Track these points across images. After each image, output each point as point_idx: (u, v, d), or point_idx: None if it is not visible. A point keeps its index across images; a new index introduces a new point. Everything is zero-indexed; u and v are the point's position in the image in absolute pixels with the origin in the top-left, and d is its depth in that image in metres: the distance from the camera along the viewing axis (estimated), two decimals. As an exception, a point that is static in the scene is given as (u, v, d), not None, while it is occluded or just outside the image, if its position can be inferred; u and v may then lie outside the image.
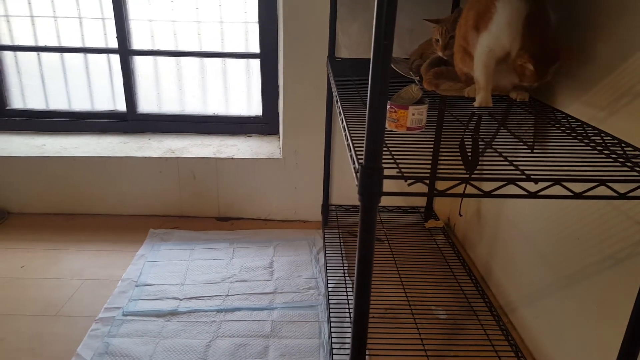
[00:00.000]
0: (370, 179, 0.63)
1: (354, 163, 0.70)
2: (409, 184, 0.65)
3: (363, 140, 0.63)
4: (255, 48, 2.07)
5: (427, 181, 0.67)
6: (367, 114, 0.61)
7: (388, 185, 0.63)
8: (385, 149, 0.74)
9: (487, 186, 0.69)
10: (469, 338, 1.33)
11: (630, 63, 0.91)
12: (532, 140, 1.15)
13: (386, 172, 0.65)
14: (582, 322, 1.07)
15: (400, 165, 0.70)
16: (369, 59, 0.59)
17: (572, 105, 1.10)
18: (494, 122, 1.03)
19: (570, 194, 0.65)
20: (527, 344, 1.31)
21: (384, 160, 0.65)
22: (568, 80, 1.12)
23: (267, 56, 2.06)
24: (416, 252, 1.75)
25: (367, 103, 0.61)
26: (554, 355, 1.18)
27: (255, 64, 2.10)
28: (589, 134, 0.90)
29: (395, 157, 0.73)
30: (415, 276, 1.59)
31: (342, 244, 1.79)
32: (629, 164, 0.73)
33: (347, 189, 2.00)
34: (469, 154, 0.95)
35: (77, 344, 1.30)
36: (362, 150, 0.65)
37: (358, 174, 0.65)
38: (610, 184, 0.65)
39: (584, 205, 1.06)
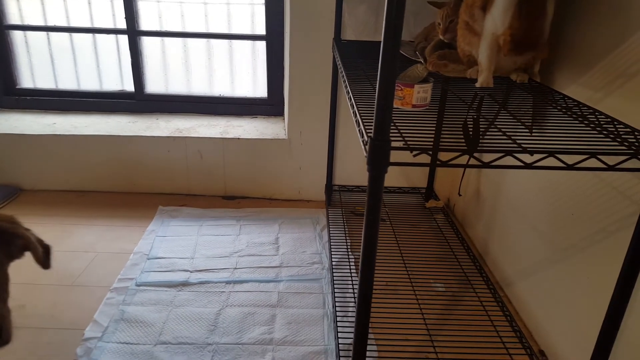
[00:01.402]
0: (379, 150, 0.68)
1: (362, 136, 0.75)
2: (414, 155, 0.70)
3: (370, 117, 0.68)
4: (262, 30, 2.10)
5: (431, 152, 0.72)
6: (377, 89, 0.66)
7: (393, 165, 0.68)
8: (391, 124, 0.80)
9: (486, 159, 0.74)
10: (466, 310, 1.39)
11: (625, 46, 0.95)
12: (531, 121, 1.20)
13: (393, 144, 0.70)
14: (573, 293, 1.13)
15: (406, 139, 0.75)
16: (375, 42, 0.64)
17: (570, 86, 1.15)
18: (496, 103, 1.08)
19: (563, 165, 0.70)
20: (522, 315, 1.38)
21: (390, 135, 0.70)
22: (566, 62, 1.17)
23: (273, 38, 2.09)
24: (417, 231, 1.81)
25: (378, 79, 0.66)
26: (546, 325, 1.25)
27: (261, 45, 2.14)
28: (585, 113, 0.95)
29: (401, 131, 0.78)
30: (416, 253, 1.65)
31: (345, 222, 1.85)
32: (619, 139, 0.78)
33: (350, 170, 2.05)
34: (471, 133, 0.99)
35: (94, 311, 1.36)
36: (370, 125, 0.70)
37: (367, 146, 0.70)
38: (600, 157, 0.70)
39: (578, 181, 1.12)
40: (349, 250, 1.67)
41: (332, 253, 1.64)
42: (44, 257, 0.82)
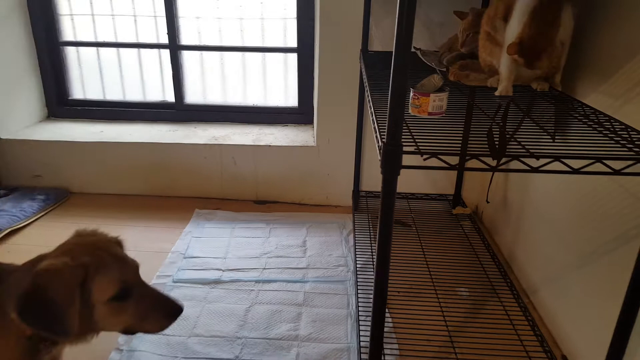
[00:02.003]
0: (391, 154, 0.74)
1: (378, 142, 0.81)
2: (425, 159, 0.76)
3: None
4: (293, 42, 2.20)
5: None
6: (389, 98, 0.72)
7: (416, 172, 0.74)
8: (407, 131, 0.86)
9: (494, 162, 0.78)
10: (489, 315, 1.41)
11: (643, 54, 0.97)
12: (553, 129, 1.22)
13: (406, 149, 0.76)
14: (596, 299, 1.14)
15: (420, 145, 0.80)
16: None
17: (591, 94, 1.16)
18: (520, 111, 1.11)
19: (569, 169, 0.73)
20: (546, 322, 1.39)
21: (406, 140, 0.75)
22: (587, 71, 1.18)
23: (304, 50, 2.18)
24: (442, 237, 1.83)
25: (390, 89, 0.72)
26: (569, 331, 1.26)
27: (293, 57, 2.23)
28: (601, 120, 0.97)
29: (415, 137, 0.83)
30: (440, 259, 1.68)
31: (371, 227, 1.90)
32: (629, 146, 0.81)
33: (376, 176, 2.08)
34: (497, 142, 1.03)
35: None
36: (385, 131, 0.76)
37: (381, 151, 0.76)
38: (607, 162, 0.73)
39: (599, 188, 1.13)
40: (374, 254, 1.71)
41: (357, 257, 1.70)
42: None
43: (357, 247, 1.76)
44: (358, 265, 1.64)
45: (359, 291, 1.51)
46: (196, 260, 1.70)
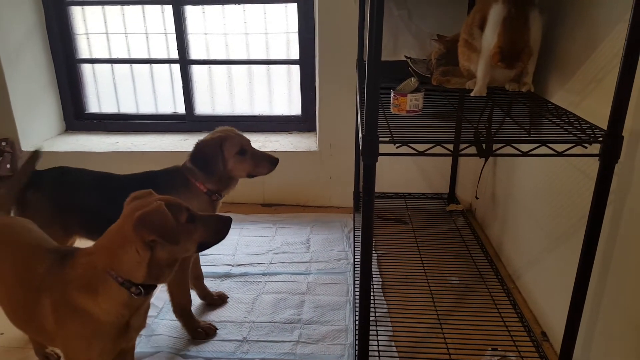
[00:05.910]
0: (369, 144, 0.88)
1: (359, 134, 0.95)
2: (397, 147, 0.89)
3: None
4: (295, 55, 2.36)
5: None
6: (365, 98, 0.86)
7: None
8: (386, 125, 0.99)
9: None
10: (475, 299, 1.52)
11: (596, 54, 1.10)
12: (529, 125, 1.35)
13: (382, 139, 0.89)
14: (567, 277, 1.25)
15: (395, 137, 0.94)
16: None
17: (557, 93, 1.29)
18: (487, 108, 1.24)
19: (518, 152, 0.86)
20: (529, 303, 1.50)
21: (385, 134, 0.89)
22: (553, 72, 1.32)
23: (306, 62, 2.34)
24: (436, 232, 1.95)
25: (365, 91, 0.86)
26: (547, 309, 1.37)
27: (295, 69, 2.39)
28: (560, 114, 1.10)
29: (392, 131, 0.97)
30: (433, 251, 1.80)
31: (370, 224, 2.03)
32: (574, 132, 0.93)
33: (376, 178, 2.23)
34: (483, 144, 1.14)
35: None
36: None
37: (362, 142, 0.90)
38: (551, 145, 0.86)
39: (568, 177, 1.25)
40: (373, 249, 1.84)
41: (357, 251, 1.82)
42: None
43: (356, 243, 1.88)
44: (357, 259, 1.77)
45: (356, 281, 1.63)
46: (207, 257, 1.83)
